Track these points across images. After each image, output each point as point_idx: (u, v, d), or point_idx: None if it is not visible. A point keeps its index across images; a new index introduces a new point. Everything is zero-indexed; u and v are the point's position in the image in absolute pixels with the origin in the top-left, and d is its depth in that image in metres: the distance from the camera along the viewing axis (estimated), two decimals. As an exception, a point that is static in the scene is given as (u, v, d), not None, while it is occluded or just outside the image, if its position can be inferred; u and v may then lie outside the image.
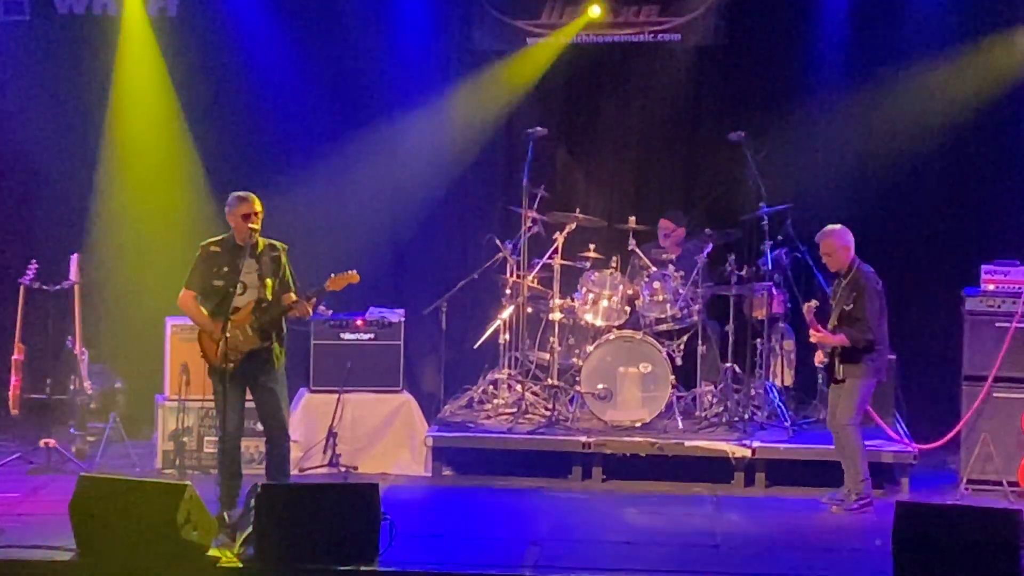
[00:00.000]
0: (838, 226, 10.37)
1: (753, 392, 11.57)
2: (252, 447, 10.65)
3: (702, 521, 10.11)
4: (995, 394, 10.81)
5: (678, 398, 11.46)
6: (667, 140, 12.87)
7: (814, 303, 10.40)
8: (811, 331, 10.32)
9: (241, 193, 9.71)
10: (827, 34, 12.44)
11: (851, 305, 10.16)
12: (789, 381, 11.85)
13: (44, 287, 11.40)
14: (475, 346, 12.06)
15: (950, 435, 10.95)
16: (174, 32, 12.75)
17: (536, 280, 11.93)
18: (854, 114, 12.41)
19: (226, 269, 9.60)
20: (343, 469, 11.13)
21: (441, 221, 12.98)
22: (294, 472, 10.36)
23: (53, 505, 9.59)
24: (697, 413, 11.57)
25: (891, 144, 12.35)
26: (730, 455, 10.93)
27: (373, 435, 11.40)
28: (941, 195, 12.40)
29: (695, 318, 11.63)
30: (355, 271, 9.74)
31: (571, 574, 8.74)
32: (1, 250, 12.64)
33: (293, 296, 9.73)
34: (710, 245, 11.71)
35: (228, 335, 9.40)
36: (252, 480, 9.31)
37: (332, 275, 9.74)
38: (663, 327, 11.63)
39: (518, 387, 11.75)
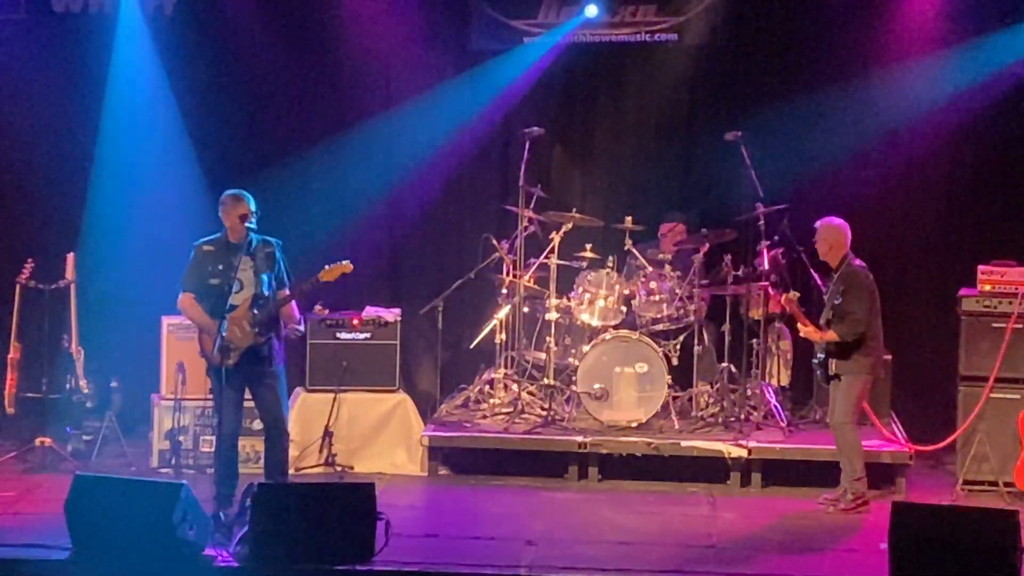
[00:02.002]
0: (839, 220, 10.38)
1: (749, 392, 11.57)
2: (248, 446, 10.65)
3: (698, 521, 10.10)
4: (991, 395, 10.80)
5: (674, 398, 11.45)
6: (664, 140, 12.87)
7: (795, 294, 10.41)
8: (799, 325, 10.35)
9: (237, 192, 9.73)
10: (824, 33, 12.44)
11: (840, 299, 10.17)
12: (785, 381, 11.87)
13: (40, 286, 11.39)
14: (471, 346, 12.07)
15: (951, 438, 10.93)
16: (170, 31, 12.73)
17: (532, 280, 11.93)
18: (851, 113, 12.40)
19: (221, 267, 9.62)
20: (339, 469, 11.13)
21: (437, 220, 12.98)
22: (290, 471, 10.35)
23: (49, 504, 9.58)
24: (693, 413, 11.57)
25: (888, 143, 12.36)
26: (726, 455, 10.93)
27: (369, 435, 11.40)
28: (938, 195, 12.40)
29: (691, 318, 11.63)
30: (348, 261, 9.73)
31: (567, 574, 8.74)
32: (-3, 249, 12.65)
33: (287, 292, 9.75)
34: (706, 245, 11.72)
35: (225, 333, 9.42)
36: (248, 479, 9.31)
37: (326, 266, 9.74)
38: (659, 327, 11.63)
39: (514, 387, 11.74)
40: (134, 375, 11.98)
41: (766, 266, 11.38)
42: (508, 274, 11.89)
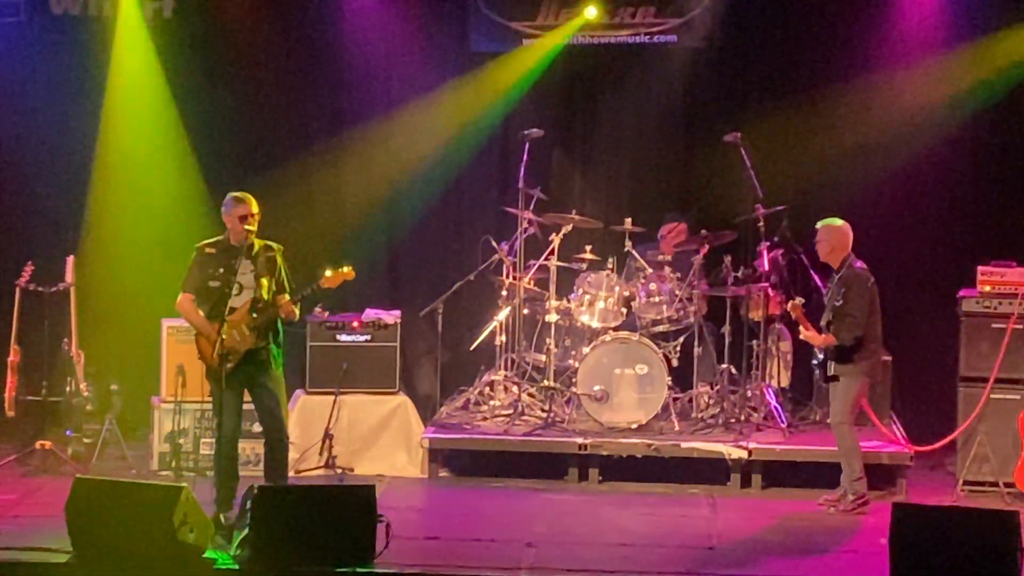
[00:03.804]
0: (841, 222, 10.38)
1: (749, 393, 11.56)
2: (248, 449, 10.65)
3: (698, 522, 10.10)
4: (992, 395, 10.80)
5: (674, 399, 11.45)
6: (663, 141, 12.87)
7: (800, 300, 10.42)
8: (800, 328, 10.35)
9: (238, 194, 9.72)
10: (824, 34, 12.44)
11: (841, 301, 10.18)
12: (785, 382, 11.87)
13: (40, 289, 11.40)
14: (471, 348, 12.06)
15: (949, 438, 10.92)
16: (169, 33, 12.75)
17: (532, 281, 11.93)
18: (850, 115, 12.41)
19: (222, 270, 9.61)
20: (339, 471, 11.12)
21: (437, 222, 12.98)
22: (290, 474, 10.34)
23: (49, 507, 9.56)
24: (693, 415, 11.57)
25: (887, 145, 12.35)
26: (726, 456, 10.92)
27: (369, 437, 11.40)
28: (937, 196, 12.40)
29: (691, 319, 11.62)
30: (350, 267, 9.73)
31: (567, 576, 8.75)
32: (-3, 252, 12.65)
33: (287, 297, 9.74)
34: (706, 246, 11.72)
35: (224, 336, 9.42)
36: (248, 482, 9.30)
37: (327, 272, 9.74)
38: (659, 328, 11.63)
39: (514, 389, 11.74)
40: (134, 378, 11.99)
41: (766, 267, 11.38)
42: (508, 276, 11.89)
